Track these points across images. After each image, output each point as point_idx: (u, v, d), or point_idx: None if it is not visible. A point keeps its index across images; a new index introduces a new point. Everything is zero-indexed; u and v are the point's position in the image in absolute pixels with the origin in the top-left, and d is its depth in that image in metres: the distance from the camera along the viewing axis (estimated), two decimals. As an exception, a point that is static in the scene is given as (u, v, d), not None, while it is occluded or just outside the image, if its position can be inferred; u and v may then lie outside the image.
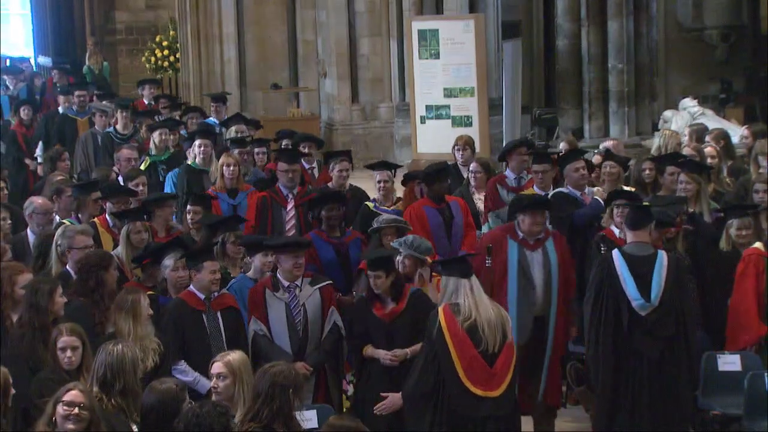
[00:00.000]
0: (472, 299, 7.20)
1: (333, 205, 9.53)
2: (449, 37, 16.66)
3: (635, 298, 7.75)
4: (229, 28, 20.09)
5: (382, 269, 7.92)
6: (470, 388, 7.09)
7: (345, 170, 10.99)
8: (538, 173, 10.37)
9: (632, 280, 7.75)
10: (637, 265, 7.80)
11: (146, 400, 6.17)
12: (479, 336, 7.11)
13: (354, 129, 18.64)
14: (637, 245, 7.92)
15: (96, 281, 7.78)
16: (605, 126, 16.27)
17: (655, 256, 7.85)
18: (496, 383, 7.13)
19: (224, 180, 10.89)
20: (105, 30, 26.77)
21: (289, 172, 10.46)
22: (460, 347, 7.09)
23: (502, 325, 7.20)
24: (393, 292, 7.94)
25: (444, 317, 7.16)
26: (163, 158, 12.63)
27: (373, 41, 18.57)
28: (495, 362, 7.14)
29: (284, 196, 10.44)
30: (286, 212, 10.33)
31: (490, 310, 7.21)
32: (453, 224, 9.94)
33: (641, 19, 16.27)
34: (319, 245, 9.40)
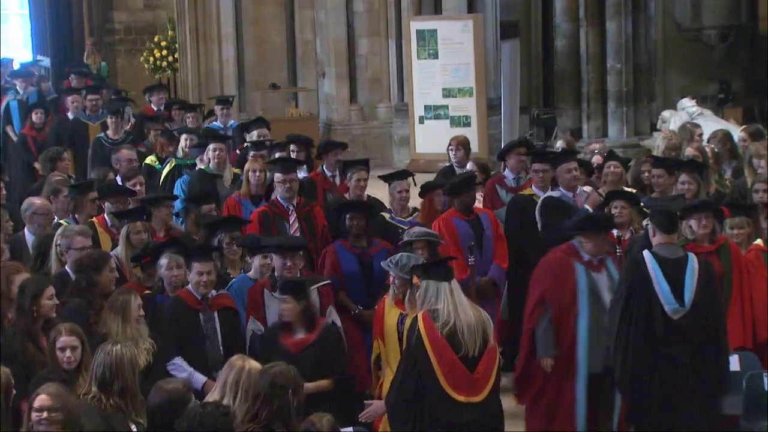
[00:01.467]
0: (452, 303, 7.08)
1: (356, 214, 9.21)
2: (448, 37, 16.68)
3: (669, 302, 7.59)
4: (227, 28, 20.07)
5: (292, 295, 7.63)
6: (451, 395, 6.99)
7: (363, 180, 10.48)
8: (538, 172, 10.38)
9: (666, 283, 7.59)
10: (669, 268, 7.64)
11: (153, 399, 6.19)
12: (459, 340, 7.02)
13: (352, 129, 18.63)
14: (667, 247, 7.74)
15: (87, 282, 7.80)
16: (604, 126, 16.28)
17: (686, 259, 7.72)
18: (477, 389, 7.04)
19: (250, 186, 10.48)
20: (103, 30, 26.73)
21: (286, 182, 9.98)
22: (440, 353, 7.00)
23: (483, 328, 7.09)
24: (304, 320, 7.65)
25: (423, 324, 7.05)
26: (189, 162, 12.29)
27: (371, 41, 18.56)
28: (476, 367, 7.05)
29: (284, 208, 9.97)
30: (289, 225, 9.89)
31: (470, 314, 7.11)
32: (483, 236, 9.57)
33: (640, 19, 16.28)
34: (342, 255, 9.12)
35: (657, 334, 7.58)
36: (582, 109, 16.37)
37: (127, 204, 9.96)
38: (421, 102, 16.94)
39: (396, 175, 10.20)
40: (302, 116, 18.68)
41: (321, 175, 11.40)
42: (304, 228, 9.83)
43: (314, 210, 10.04)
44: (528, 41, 19.18)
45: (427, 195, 9.93)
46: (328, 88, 18.97)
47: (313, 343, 7.61)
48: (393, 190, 9.97)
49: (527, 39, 19.08)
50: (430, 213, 9.78)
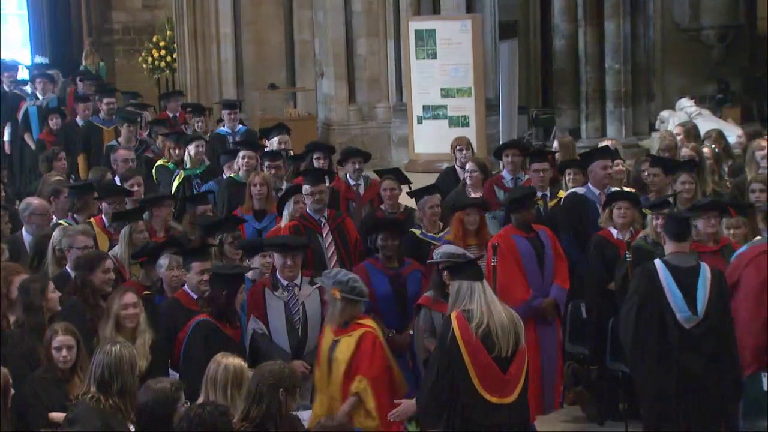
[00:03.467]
0: (485, 303, 6.99)
1: (389, 233, 8.66)
2: (446, 38, 16.70)
3: (682, 311, 7.49)
4: (226, 28, 20.08)
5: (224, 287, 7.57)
6: (485, 396, 6.90)
7: (391, 189, 10.13)
8: (538, 172, 10.40)
9: (679, 292, 7.50)
10: (681, 277, 7.54)
11: (141, 398, 6.18)
12: (492, 340, 6.91)
13: (351, 129, 18.63)
14: (679, 256, 7.63)
15: (81, 281, 7.80)
16: (602, 126, 16.29)
17: (698, 267, 7.60)
18: (509, 390, 6.95)
19: (252, 201, 10.18)
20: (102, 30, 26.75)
21: (315, 194, 9.48)
22: (474, 355, 6.89)
23: (515, 329, 7.00)
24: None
25: (457, 324, 6.94)
26: (198, 171, 12.03)
27: (370, 41, 18.56)
28: (508, 368, 6.96)
29: (316, 222, 9.49)
30: (323, 238, 9.42)
31: (502, 314, 7.00)
32: (545, 255, 8.94)
33: (638, 19, 16.30)
34: (373, 276, 8.58)
35: (671, 342, 7.49)
36: (581, 109, 16.38)
37: (124, 204, 9.95)
38: (420, 102, 16.95)
39: (426, 191, 9.67)
40: (301, 116, 18.69)
41: (344, 185, 11.10)
42: (338, 241, 9.42)
43: (345, 221, 9.68)
44: (527, 41, 19.20)
45: (458, 213, 9.25)
46: (326, 88, 18.97)
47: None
48: (424, 206, 9.50)
49: (526, 39, 19.10)
50: (462, 232, 9.16)
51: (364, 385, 7.47)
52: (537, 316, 8.72)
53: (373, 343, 7.54)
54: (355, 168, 11.09)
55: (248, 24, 20.12)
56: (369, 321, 7.66)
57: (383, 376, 7.58)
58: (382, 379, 7.57)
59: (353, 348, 7.48)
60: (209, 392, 6.40)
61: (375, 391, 7.48)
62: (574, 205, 10.02)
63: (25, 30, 28.08)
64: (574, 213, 9.94)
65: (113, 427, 6.19)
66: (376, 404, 7.48)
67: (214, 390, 6.39)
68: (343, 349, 7.49)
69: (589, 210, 9.87)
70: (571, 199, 10.15)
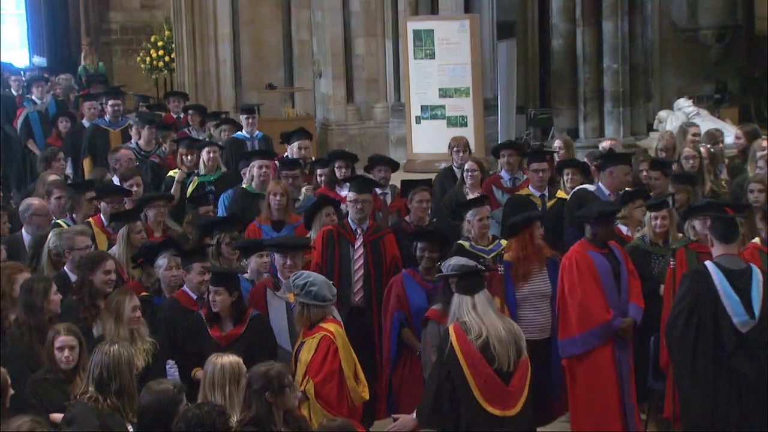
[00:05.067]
0: (476, 316, 6.88)
1: (430, 245, 8.36)
2: (444, 38, 16.68)
3: (738, 314, 7.31)
4: (224, 28, 20.08)
5: (224, 287, 7.53)
6: (487, 408, 6.79)
7: (425, 201, 9.79)
8: (537, 172, 10.42)
9: (734, 295, 7.31)
10: (735, 280, 7.36)
11: (143, 400, 6.18)
12: (491, 353, 6.81)
13: (349, 129, 18.63)
14: (729, 258, 7.47)
15: (81, 281, 7.81)
16: (600, 126, 16.28)
17: (749, 270, 7.45)
18: (512, 402, 6.84)
19: (270, 210, 9.80)
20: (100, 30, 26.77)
21: (358, 203, 9.17)
22: (474, 366, 6.79)
23: (515, 341, 6.89)
24: (233, 313, 7.59)
25: (455, 336, 6.85)
26: (213, 178, 11.62)
27: (368, 41, 18.55)
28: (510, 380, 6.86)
29: (352, 231, 9.20)
30: (354, 249, 9.15)
31: (499, 327, 6.88)
32: (621, 271, 8.46)
33: (636, 19, 16.29)
34: (409, 287, 8.34)
35: (726, 348, 7.32)
36: (579, 109, 16.37)
37: (122, 204, 9.95)
38: (418, 102, 16.94)
39: (475, 202, 9.32)
40: (299, 116, 18.69)
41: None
42: (370, 256, 9.09)
43: (385, 238, 9.26)
44: (524, 41, 19.19)
45: (527, 229, 8.67)
46: (324, 88, 18.97)
47: (242, 335, 7.58)
48: (473, 218, 9.06)
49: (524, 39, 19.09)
50: (533, 248, 8.58)
51: (310, 386, 7.48)
52: (616, 336, 8.35)
53: (327, 347, 7.49)
54: (381, 177, 10.79)
55: (246, 24, 20.12)
56: (331, 325, 7.60)
57: (331, 382, 7.49)
58: (329, 384, 7.48)
59: (313, 350, 7.49)
60: (207, 393, 6.41)
61: (319, 393, 7.42)
62: (582, 201, 10.01)
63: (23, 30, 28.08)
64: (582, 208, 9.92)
65: (111, 427, 6.20)
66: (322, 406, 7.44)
67: (212, 390, 6.41)
68: (305, 351, 7.52)
69: None
70: (579, 194, 10.15)
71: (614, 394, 8.17)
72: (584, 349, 8.22)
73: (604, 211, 8.53)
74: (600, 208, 8.62)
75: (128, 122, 13.90)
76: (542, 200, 10.40)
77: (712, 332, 7.36)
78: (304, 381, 7.43)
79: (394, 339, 8.38)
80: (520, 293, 8.56)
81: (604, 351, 8.22)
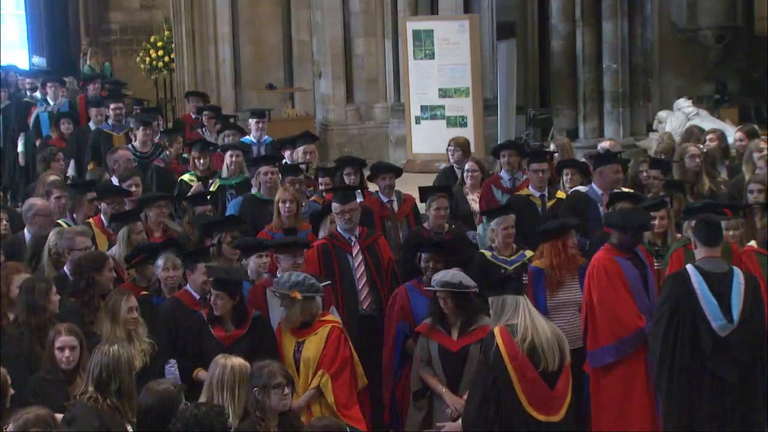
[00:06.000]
0: (529, 317, 6.83)
1: (434, 255, 8.28)
2: (444, 38, 16.69)
3: (716, 318, 7.28)
4: (223, 28, 20.06)
5: (226, 291, 7.54)
6: (532, 414, 6.74)
7: (444, 208, 9.58)
8: (537, 172, 10.42)
9: (713, 299, 7.28)
10: (715, 283, 7.33)
11: (143, 401, 6.18)
12: (539, 355, 6.75)
13: (349, 129, 18.62)
14: (711, 261, 7.43)
15: (87, 282, 7.80)
16: (600, 126, 16.31)
17: (731, 273, 7.41)
18: (557, 407, 6.80)
19: (281, 218, 9.61)
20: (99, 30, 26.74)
21: (345, 213, 9.03)
22: (521, 371, 6.73)
23: (559, 344, 6.85)
24: (235, 315, 7.61)
25: (502, 339, 6.76)
26: (234, 182, 11.32)
27: (368, 41, 18.55)
28: (555, 384, 6.80)
29: (346, 240, 9.03)
30: (352, 258, 8.97)
31: (546, 329, 6.83)
32: (647, 274, 8.32)
33: (636, 19, 16.31)
34: (414, 299, 8.25)
35: (704, 351, 7.29)
36: (578, 109, 16.39)
37: (123, 204, 9.95)
38: (418, 102, 16.95)
39: (501, 210, 9.14)
40: (299, 116, 18.68)
41: (377, 202, 10.50)
42: (369, 262, 8.97)
43: (378, 241, 9.18)
44: (524, 42, 19.18)
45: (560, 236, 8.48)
46: (324, 88, 18.96)
47: (245, 336, 7.59)
48: (498, 227, 8.86)
49: (523, 39, 19.08)
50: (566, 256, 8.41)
51: (326, 379, 7.55)
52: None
53: (338, 338, 7.64)
54: (386, 184, 10.54)
55: (246, 24, 20.10)
56: (331, 316, 7.74)
57: (345, 371, 7.63)
58: (344, 373, 7.62)
59: (322, 344, 7.57)
60: (215, 393, 6.41)
61: (336, 385, 7.53)
62: (576, 203, 10.06)
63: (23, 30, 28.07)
64: (576, 210, 9.95)
65: (111, 427, 6.20)
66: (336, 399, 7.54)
67: (220, 391, 6.41)
68: (312, 348, 7.57)
69: (590, 209, 9.90)
70: (573, 196, 10.19)
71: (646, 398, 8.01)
72: (617, 357, 8.07)
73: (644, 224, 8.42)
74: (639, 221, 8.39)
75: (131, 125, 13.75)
76: (542, 200, 10.41)
77: (691, 336, 7.33)
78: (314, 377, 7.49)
79: (398, 349, 8.30)
80: (552, 302, 8.38)
81: (637, 357, 8.05)
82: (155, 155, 12.59)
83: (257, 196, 10.58)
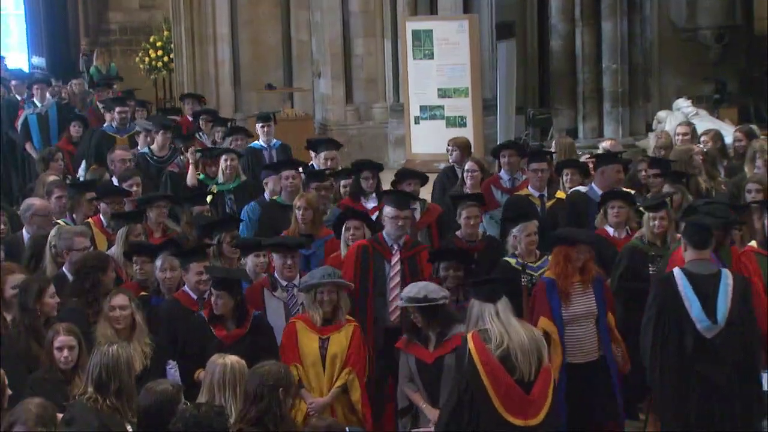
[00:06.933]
0: (500, 324, 6.72)
1: (453, 264, 8.13)
2: (443, 38, 16.69)
3: (700, 320, 7.26)
4: (223, 28, 20.07)
5: (227, 291, 7.57)
6: (508, 419, 6.62)
7: (474, 217, 9.25)
8: (536, 172, 10.42)
9: (697, 301, 7.26)
10: (701, 285, 7.31)
11: (143, 401, 6.18)
12: (512, 363, 6.64)
13: (348, 129, 18.62)
14: (699, 263, 7.39)
15: (92, 282, 7.80)
16: (599, 126, 16.31)
17: (719, 274, 7.37)
18: (534, 411, 6.67)
19: (298, 225, 9.41)
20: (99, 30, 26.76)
21: (399, 219, 8.69)
22: (494, 376, 6.62)
23: (537, 349, 6.72)
24: (235, 314, 7.61)
25: (474, 345, 6.67)
26: (231, 187, 11.28)
27: (367, 41, 18.55)
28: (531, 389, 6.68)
29: (389, 247, 8.71)
30: (390, 266, 8.65)
31: (522, 335, 6.70)
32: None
33: (635, 19, 16.31)
34: None
35: (688, 352, 7.27)
36: (578, 109, 16.39)
37: (122, 205, 9.95)
38: (417, 102, 16.95)
39: (523, 216, 8.78)
40: (298, 116, 18.68)
41: None
42: (407, 273, 8.61)
43: (422, 254, 8.78)
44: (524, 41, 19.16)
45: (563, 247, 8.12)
46: (323, 88, 18.96)
47: (246, 335, 7.61)
48: (520, 234, 8.58)
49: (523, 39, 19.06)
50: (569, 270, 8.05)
51: (353, 377, 7.61)
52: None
53: (360, 337, 7.74)
54: (410, 190, 10.12)
55: (245, 24, 20.11)
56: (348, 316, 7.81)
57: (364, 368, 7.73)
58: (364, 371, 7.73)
59: (347, 342, 7.64)
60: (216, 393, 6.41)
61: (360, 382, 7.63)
62: (576, 203, 10.07)
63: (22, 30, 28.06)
64: (576, 211, 9.96)
65: (111, 427, 6.20)
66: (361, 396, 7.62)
67: (221, 391, 6.40)
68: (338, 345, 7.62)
69: (590, 209, 9.90)
70: (573, 196, 10.19)
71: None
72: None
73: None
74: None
75: (135, 128, 13.76)
76: (541, 200, 10.41)
77: (678, 337, 7.31)
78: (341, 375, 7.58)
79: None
80: (566, 313, 8.06)
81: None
82: (172, 159, 12.45)
83: (278, 201, 10.39)
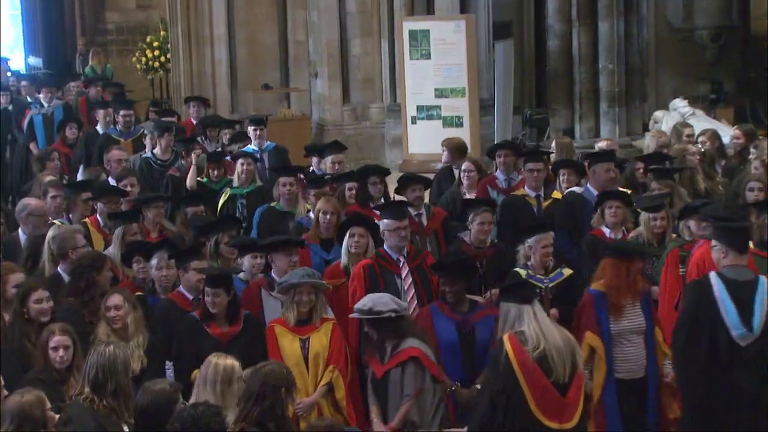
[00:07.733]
0: (537, 326, 6.68)
1: (450, 277, 7.84)
2: (440, 38, 16.67)
3: (736, 327, 7.11)
4: (219, 28, 20.06)
5: (222, 287, 7.59)
6: (544, 422, 6.60)
7: (487, 223, 9.02)
8: (532, 172, 10.42)
9: (733, 307, 7.11)
10: (737, 291, 7.15)
11: (140, 401, 6.19)
12: (549, 365, 6.61)
13: (345, 129, 18.60)
14: (736, 269, 7.23)
15: (87, 282, 7.80)
16: (596, 126, 16.28)
17: (756, 281, 7.21)
18: (569, 415, 6.66)
19: (319, 229, 9.28)
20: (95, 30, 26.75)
21: (400, 230, 8.48)
22: (531, 378, 6.59)
23: (571, 353, 6.72)
24: (229, 312, 7.63)
25: (511, 347, 6.64)
26: (245, 191, 11.12)
27: (364, 42, 18.54)
28: (567, 392, 6.66)
29: (395, 261, 8.47)
30: (402, 280, 8.38)
31: (557, 337, 6.69)
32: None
33: (632, 19, 16.29)
34: (438, 321, 7.74)
35: (722, 360, 7.14)
36: (574, 109, 16.37)
37: (119, 204, 9.95)
38: (414, 102, 16.93)
39: (537, 229, 8.57)
40: (295, 117, 18.67)
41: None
42: (419, 284, 8.41)
43: (426, 261, 8.62)
44: (520, 41, 19.18)
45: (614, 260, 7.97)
46: (320, 88, 18.95)
47: (240, 333, 7.65)
48: (537, 245, 8.39)
49: (520, 39, 19.08)
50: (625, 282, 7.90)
51: (337, 374, 7.64)
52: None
53: (340, 334, 7.77)
54: (416, 196, 9.98)
55: (242, 24, 20.10)
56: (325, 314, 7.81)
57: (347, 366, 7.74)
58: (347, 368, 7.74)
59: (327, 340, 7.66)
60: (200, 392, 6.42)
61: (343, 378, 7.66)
62: (571, 204, 10.07)
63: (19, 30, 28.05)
64: (571, 211, 9.96)
65: (107, 427, 6.20)
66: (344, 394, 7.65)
67: (204, 388, 6.41)
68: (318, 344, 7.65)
69: (585, 209, 9.90)
70: (569, 197, 10.19)
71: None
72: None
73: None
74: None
75: (141, 131, 13.69)
76: (538, 201, 10.41)
77: (710, 343, 7.19)
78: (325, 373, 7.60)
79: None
80: (614, 328, 7.94)
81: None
82: (176, 162, 12.36)
83: (276, 208, 10.32)
